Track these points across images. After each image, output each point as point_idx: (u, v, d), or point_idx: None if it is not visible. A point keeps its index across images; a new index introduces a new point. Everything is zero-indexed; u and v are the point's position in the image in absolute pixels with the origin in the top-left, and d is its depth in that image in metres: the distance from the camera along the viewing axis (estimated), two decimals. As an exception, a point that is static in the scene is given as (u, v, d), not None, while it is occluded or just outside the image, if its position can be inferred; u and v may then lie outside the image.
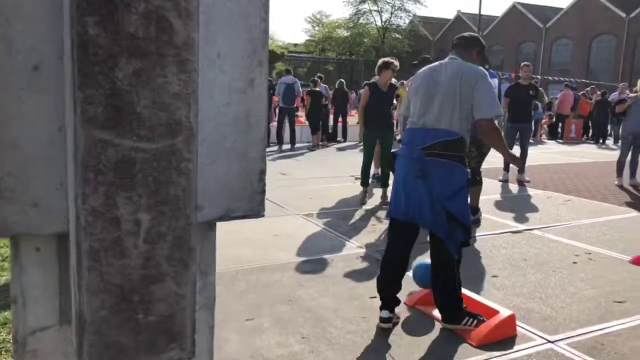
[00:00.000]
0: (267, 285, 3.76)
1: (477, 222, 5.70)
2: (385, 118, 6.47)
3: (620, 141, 8.24)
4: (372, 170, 7.44)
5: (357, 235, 5.11)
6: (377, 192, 6.89)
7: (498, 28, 50.23)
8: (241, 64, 1.10)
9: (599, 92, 18.34)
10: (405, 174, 2.96)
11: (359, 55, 53.61)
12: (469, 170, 3.05)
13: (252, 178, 1.16)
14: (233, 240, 4.73)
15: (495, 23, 50.87)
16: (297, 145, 12.57)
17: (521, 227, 5.60)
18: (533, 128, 11.87)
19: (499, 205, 6.68)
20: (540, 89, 9.01)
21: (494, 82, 5.85)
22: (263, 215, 1.21)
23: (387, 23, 56.81)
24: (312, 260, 4.34)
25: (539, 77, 31.24)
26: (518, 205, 6.68)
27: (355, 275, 4.03)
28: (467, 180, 2.95)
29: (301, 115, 14.04)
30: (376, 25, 57.33)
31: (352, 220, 5.72)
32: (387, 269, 3.17)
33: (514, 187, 8.01)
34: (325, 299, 3.53)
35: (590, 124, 18.05)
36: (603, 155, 12.97)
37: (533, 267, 4.31)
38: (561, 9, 46.93)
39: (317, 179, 8.12)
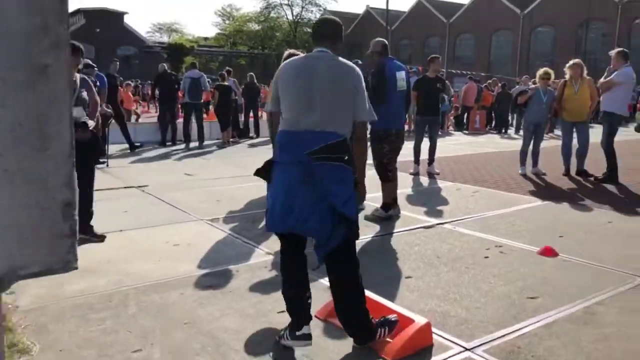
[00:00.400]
0: (162, 307, 3.33)
1: (396, 218, 5.57)
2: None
3: (522, 131, 8.50)
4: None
5: (266, 241, 4.77)
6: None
7: (405, 23, 51.73)
8: (21, 44, 0.72)
9: (500, 84, 19.23)
10: (289, 182, 2.65)
11: (271, 49, 53.14)
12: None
13: (53, 215, 0.78)
14: (126, 255, 4.23)
15: (402, 18, 52.33)
16: (206, 142, 12.00)
17: (433, 221, 5.52)
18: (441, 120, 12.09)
19: (411, 200, 6.61)
20: (446, 82, 9.12)
21: (402, 74, 5.79)
22: (76, 268, 0.83)
23: (298, 17, 56.72)
24: (215, 273, 3.95)
25: (444, 70, 32.40)
26: (429, 199, 6.65)
27: (263, 287, 3.69)
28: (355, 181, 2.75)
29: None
30: (287, 19, 57.08)
31: (262, 224, 5.36)
32: (287, 291, 2.85)
33: (424, 180, 8.02)
34: (227, 319, 3.17)
35: (493, 115, 18.87)
36: (506, 144, 13.52)
37: (446, 264, 4.20)
38: (464, 4, 49.05)
39: (225, 179, 7.68)
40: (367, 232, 5.08)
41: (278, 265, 4.02)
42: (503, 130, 17.55)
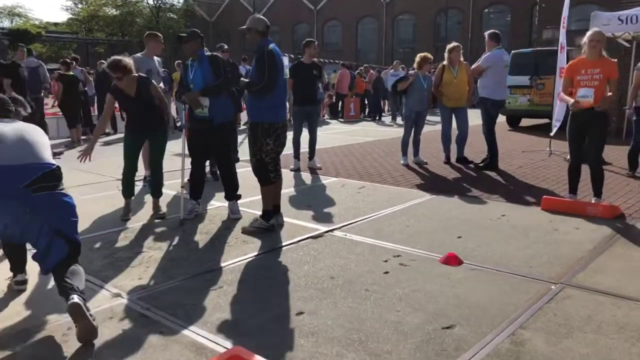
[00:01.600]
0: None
1: (280, 227, 4.77)
2: (153, 112, 5.08)
3: (403, 119, 8.15)
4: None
5: (115, 277, 3.71)
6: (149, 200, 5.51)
7: (273, 9, 50.85)
8: None
9: (372, 72, 19.25)
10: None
11: (132, 35, 49.39)
12: None
13: None
14: None
15: (270, 4, 51.39)
16: (51, 142, 10.21)
17: (322, 228, 4.81)
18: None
19: (295, 202, 5.85)
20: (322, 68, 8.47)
21: (285, 59, 4.96)
22: None
23: (160, 2, 53.39)
24: (26, 333, 2.84)
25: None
26: (314, 199, 5.94)
27: (106, 355, 2.68)
28: None
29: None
30: (148, 3, 53.50)
31: (109, 250, 4.26)
32: None
33: (306, 177, 7.31)
34: None
35: (366, 102, 18.85)
36: (383, 132, 13.36)
37: (343, 287, 3.48)
38: (330, -9, 49.39)
39: (72, 189, 6.31)
40: (245, 251, 4.22)
41: (131, 312, 3.04)
42: (377, 117, 17.55)
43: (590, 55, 5.14)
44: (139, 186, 6.48)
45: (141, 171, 5.84)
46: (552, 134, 8.68)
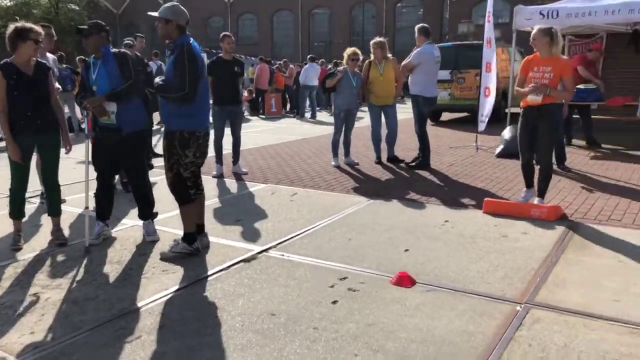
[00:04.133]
0: None
1: (206, 250, 4.15)
2: (46, 109, 4.27)
3: (333, 117, 7.73)
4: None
5: (-1, 331, 2.96)
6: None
7: (184, 1, 48.85)
8: None
9: (292, 66, 18.74)
10: None
11: (28, 28, 45.50)
12: None
13: None
14: None
15: (181, -4, 49.32)
16: None
17: (255, 248, 4.25)
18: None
19: (220, 216, 5.23)
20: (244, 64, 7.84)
21: (204, 57, 4.31)
22: None
23: (59, -8, 49.68)
24: None
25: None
26: (243, 211, 5.35)
27: None
28: None
29: None
30: (46, -7, 49.63)
31: (-4, 293, 3.46)
32: None
33: (231, 184, 6.68)
34: None
35: (287, 97, 18.33)
36: (308, 130, 12.91)
37: (286, 327, 2.96)
38: (244, -17, 48.21)
39: (-52, 212, 5.31)
40: (166, 284, 3.57)
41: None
42: (300, 113, 17.09)
43: (540, 53, 5.01)
44: (34, 204, 5.58)
45: (37, 185, 4.98)
46: (480, 129, 8.61)
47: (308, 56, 17.36)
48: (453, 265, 3.83)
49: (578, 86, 8.22)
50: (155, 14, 3.91)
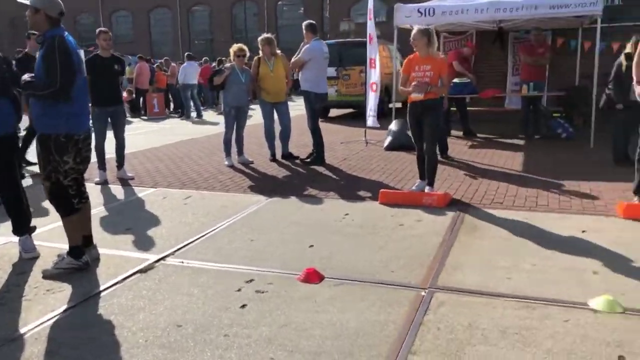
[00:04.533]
0: None
1: (96, 263, 3.79)
2: None
3: (223, 115, 7.47)
4: None
5: None
6: None
7: (49, -4, 45.11)
8: None
9: (174, 64, 18.05)
10: None
11: None
12: None
13: None
14: None
15: (44, -10, 45.43)
16: None
17: (150, 257, 3.98)
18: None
19: (109, 225, 4.84)
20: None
21: (82, 53, 3.93)
22: None
23: None
24: None
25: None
26: (133, 220, 5.00)
27: None
28: None
29: None
30: None
31: None
32: None
33: (118, 190, 6.23)
34: None
35: (171, 97, 17.63)
36: (195, 130, 12.48)
37: (195, 337, 2.79)
38: (114, -22, 45.57)
39: None
40: (52, 304, 3.22)
41: None
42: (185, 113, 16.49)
43: (420, 52, 5.24)
44: None
45: None
46: (369, 124, 8.85)
47: (186, 54, 16.81)
48: (358, 257, 3.87)
49: (454, 80, 8.78)
50: (25, 1, 3.49)
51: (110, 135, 6.67)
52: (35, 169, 4.07)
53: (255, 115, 7.67)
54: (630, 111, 6.24)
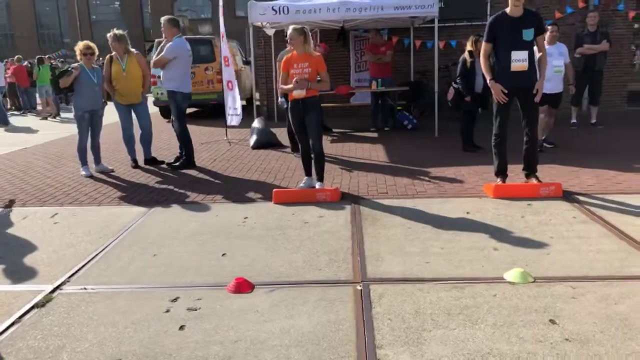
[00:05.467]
0: None
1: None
2: None
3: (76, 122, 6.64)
4: None
5: None
6: None
7: None
8: None
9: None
10: None
11: None
12: None
13: None
14: None
15: None
16: None
17: (42, 287, 3.44)
18: None
19: (-35, 257, 4.04)
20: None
21: None
22: None
23: None
24: None
25: None
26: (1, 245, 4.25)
27: None
28: None
29: None
30: None
31: None
32: None
33: (-44, 215, 5.22)
34: None
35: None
36: (18, 138, 10.96)
37: (143, 370, 2.50)
38: None
39: None
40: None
41: None
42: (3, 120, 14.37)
43: (297, 50, 5.30)
44: None
45: None
46: (231, 123, 8.67)
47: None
48: (278, 259, 3.81)
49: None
50: None
51: None
52: None
53: (105, 118, 6.97)
54: (474, 102, 7.09)
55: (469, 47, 7.15)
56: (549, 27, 7.04)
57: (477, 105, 7.18)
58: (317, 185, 5.47)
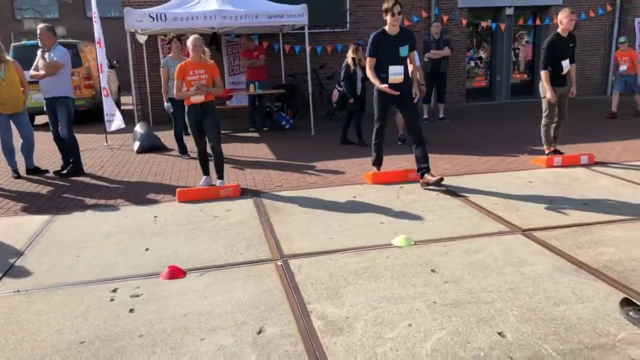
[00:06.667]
0: None
1: None
2: None
3: None
4: None
5: None
6: None
7: None
8: None
9: None
10: None
11: None
12: None
13: None
14: None
15: None
16: None
17: (-32, 296, 3.52)
18: None
19: None
20: None
21: None
22: None
23: None
24: None
25: None
26: None
27: None
28: None
29: None
30: None
31: None
32: None
33: None
34: None
35: None
36: None
37: (110, 347, 2.84)
38: None
39: None
40: None
41: None
42: None
43: (193, 58, 5.68)
44: None
45: None
46: (111, 129, 8.65)
47: None
48: (200, 249, 4.24)
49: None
50: None
51: None
52: None
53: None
54: (357, 103, 8.04)
55: (351, 54, 8.05)
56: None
57: (359, 106, 8.14)
58: (218, 182, 5.92)
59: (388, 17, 5.60)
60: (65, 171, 7.00)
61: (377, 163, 6.31)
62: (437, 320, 2.98)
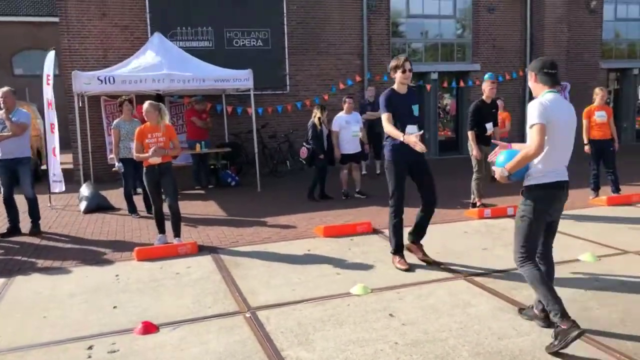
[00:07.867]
0: None
1: None
2: None
3: None
4: None
5: None
6: None
7: None
8: None
9: None
10: None
11: None
12: None
13: None
14: None
15: None
16: None
17: (-64, 362, 3.50)
18: None
19: None
20: None
21: None
22: None
23: None
24: None
25: None
26: None
27: None
28: None
29: None
30: None
31: None
32: None
33: None
34: None
35: None
36: None
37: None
38: None
39: None
40: None
41: None
42: None
43: (151, 122, 5.99)
44: None
45: None
46: (57, 190, 8.60)
47: None
48: (168, 305, 4.40)
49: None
50: None
51: None
52: None
53: None
54: (326, 159, 8.60)
55: (318, 114, 8.62)
56: (346, 99, 8.88)
57: (328, 161, 8.66)
58: (176, 240, 6.09)
59: (398, 75, 5.02)
60: (7, 232, 6.87)
61: (399, 250, 5.23)
62: (400, 358, 3.34)
